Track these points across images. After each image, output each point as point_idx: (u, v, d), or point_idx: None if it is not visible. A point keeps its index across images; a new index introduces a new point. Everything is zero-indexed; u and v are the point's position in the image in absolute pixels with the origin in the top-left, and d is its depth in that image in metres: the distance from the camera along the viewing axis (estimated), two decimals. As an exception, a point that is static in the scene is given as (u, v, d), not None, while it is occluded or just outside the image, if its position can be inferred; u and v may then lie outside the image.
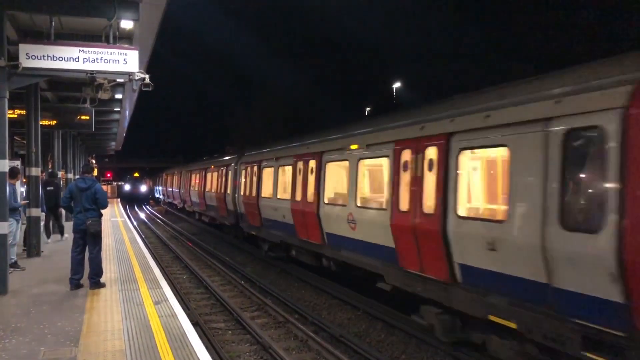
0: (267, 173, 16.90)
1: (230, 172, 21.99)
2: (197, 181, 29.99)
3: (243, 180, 19.72)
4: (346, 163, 11.52)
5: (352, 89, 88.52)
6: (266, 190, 16.87)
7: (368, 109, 51.82)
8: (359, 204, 10.83)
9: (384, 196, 9.93)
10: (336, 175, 12.46)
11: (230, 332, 10.05)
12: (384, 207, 9.77)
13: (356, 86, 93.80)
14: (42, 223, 14.89)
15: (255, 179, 17.99)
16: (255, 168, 17.95)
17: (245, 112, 69.42)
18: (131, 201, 63.64)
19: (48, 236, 16.25)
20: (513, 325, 6.79)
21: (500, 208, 7.74)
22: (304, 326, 10.02)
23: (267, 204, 16.41)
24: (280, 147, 16.84)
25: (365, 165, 11.10)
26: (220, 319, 10.91)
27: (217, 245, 22.62)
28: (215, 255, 19.48)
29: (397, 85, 47.55)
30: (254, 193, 17.86)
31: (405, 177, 9.07)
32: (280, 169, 15.84)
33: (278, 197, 15.60)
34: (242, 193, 19.52)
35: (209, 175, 26.75)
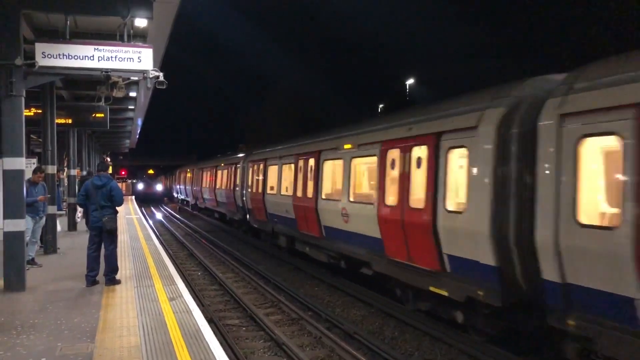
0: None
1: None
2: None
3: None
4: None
5: (366, 86, 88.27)
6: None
7: (381, 105, 51.65)
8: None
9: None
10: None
11: (244, 328, 10.08)
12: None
13: (369, 83, 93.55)
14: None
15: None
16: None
17: (259, 110, 69.62)
18: (145, 201, 58.04)
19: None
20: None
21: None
22: (318, 323, 10.03)
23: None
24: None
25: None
26: (234, 316, 10.95)
27: (231, 242, 22.71)
28: (229, 252, 19.57)
29: (410, 82, 47.33)
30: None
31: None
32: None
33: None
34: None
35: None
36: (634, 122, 5.46)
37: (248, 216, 21.95)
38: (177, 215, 39.55)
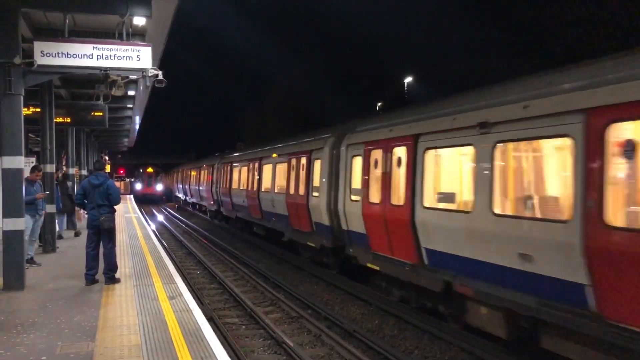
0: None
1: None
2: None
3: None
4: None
5: (364, 84, 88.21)
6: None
7: (379, 104, 51.62)
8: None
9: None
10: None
11: (244, 327, 10.10)
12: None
13: (368, 81, 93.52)
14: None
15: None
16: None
17: (257, 108, 69.54)
18: (145, 202, 53.02)
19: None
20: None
21: None
22: (317, 321, 10.05)
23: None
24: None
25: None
26: (234, 314, 10.96)
27: (230, 241, 22.72)
28: (228, 250, 19.58)
29: (408, 80, 47.31)
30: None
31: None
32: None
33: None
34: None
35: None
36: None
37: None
38: (176, 214, 39.55)
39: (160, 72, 10.51)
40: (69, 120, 17.97)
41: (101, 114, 18.37)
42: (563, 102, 6.24)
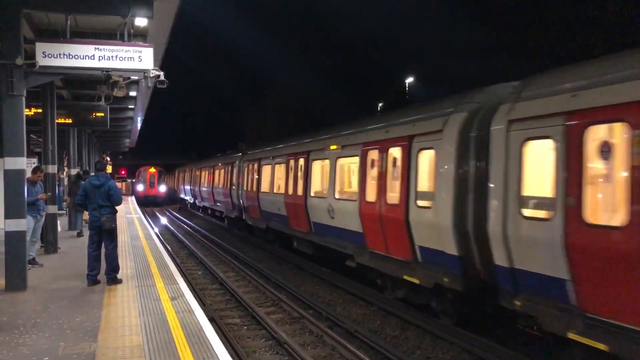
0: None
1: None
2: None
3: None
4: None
5: (365, 84, 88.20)
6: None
7: (380, 104, 51.62)
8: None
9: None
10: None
11: (245, 327, 10.10)
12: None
13: (368, 81, 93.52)
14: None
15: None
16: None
17: (258, 108, 69.56)
18: (147, 205, 48.23)
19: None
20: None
21: None
22: (319, 322, 10.05)
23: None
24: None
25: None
26: (235, 315, 10.97)
27: (231, 241, 22.72)
28: (230, 251, 19.58)
29: (409, 80, 47.32)
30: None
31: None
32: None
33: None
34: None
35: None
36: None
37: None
38: (177, 215, 39.56)
39: (161, 73, 10.52)
40: (70, 121, 18.00)
41: (102, 114, 18.40)
42: None
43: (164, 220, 34.57)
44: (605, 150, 6.15)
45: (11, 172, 9.33)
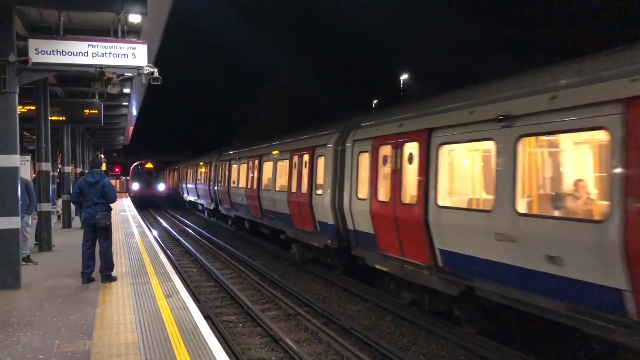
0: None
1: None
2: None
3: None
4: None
5: (359, 81, 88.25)
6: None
7: (375, 101, 51.65)
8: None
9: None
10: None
11: (241, 324, 10.10)
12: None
13: (363, 78, 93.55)
14: None
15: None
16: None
17: (253, 105, 69.47)
18: (144, 205, 43.25)
19: None
20: None
21: None
22: (314, 318, 10.05)
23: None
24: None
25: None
26: (231, 312, 10.96)
27: (226, 238, 22.70)
28: (225, 248, 19.57)
29: (404, 77, 47.36)
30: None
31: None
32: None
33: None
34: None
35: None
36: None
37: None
38: (172, 212, 39.45)
39: (155, 70, 10.47)
40: (64, 118, 17.94)
41: (96, 111, 18.34)
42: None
43: (158, 218, 34.46)
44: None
45: (4, 170, 9.26)
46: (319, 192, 13.22)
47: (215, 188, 27.09)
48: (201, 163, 32.45)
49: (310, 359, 7.99)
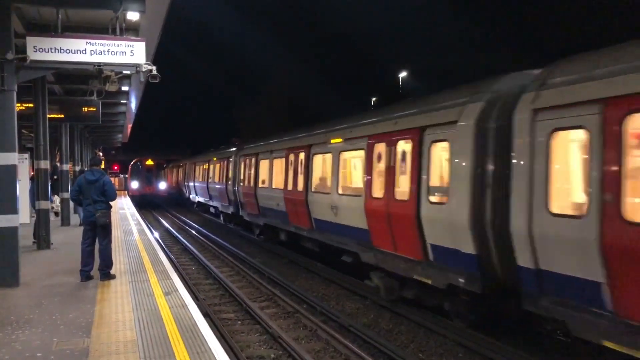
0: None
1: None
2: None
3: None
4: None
5: (358, 79, 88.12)
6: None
7: (374, 99, 51.64)
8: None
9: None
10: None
11: (239, 322, 10.11)
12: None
13: (362, 76, 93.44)
14: None
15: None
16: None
17: (252, 103, 69.39)
18: (143, 204, 40.41)
19: None
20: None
21: None
22: (313, 316, 10.07)
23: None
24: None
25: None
26: (229, 310, 10.97)
27: (225, 236, 22.70)
28: (223, 246, 19.57)
29: (403, 74, 47.34)
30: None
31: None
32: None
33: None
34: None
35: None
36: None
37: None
38: (171, 210, 39.42)
39: (154, 67, 10.47)
40: (62, 116, 17.92)
41: (95, 109, 18.31)
42: None
43: (157, 216, 34.42)
44: None
45: (2, 168, 9.26)
46: (438, 198, 8.77)
47: (236, 189, 22.09)
48: (215, 159, 27.46)
49: (309, 357, 7.99)
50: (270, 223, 18.18)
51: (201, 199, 32.82)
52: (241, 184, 21.47)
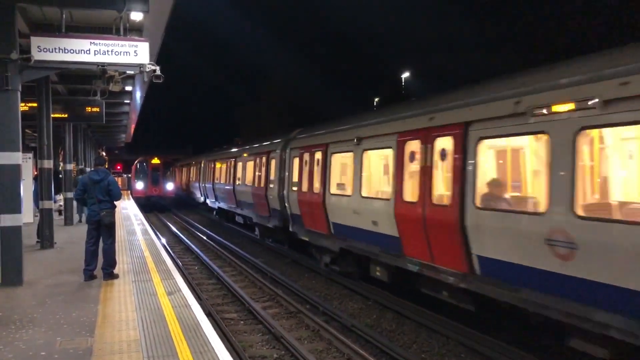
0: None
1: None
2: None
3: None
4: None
5: (361, 80, 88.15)
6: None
7: (377, 99, 51.61)
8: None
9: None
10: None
11: (242, 322, 10.12)
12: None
13: (365, 76, 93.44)
14: None
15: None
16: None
17: (254, 104, 69.43)
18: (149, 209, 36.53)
19: None
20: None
21: None
22: (316, 316, 10.07)
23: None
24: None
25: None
26: (232, 309, 10.98)
27: (228, 237, 22.72)
28: (226, 246, 19.58)
29: (405, 75, 47.33)
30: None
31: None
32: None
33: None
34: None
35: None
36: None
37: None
38: (174, 210, 39.39)
39: (157, 68, 10.49)
40: (66, 115, 17.95)
41: (98, 109, 18.34)
42: None
43: (160, 215, 34.42)
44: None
45: (6, 167, 9.29)
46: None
47: (284, 194, 15.83)
48: (246, 154, 21.41)
49: (311, 357, 8.00)
50: (353, 249, 11.85)
51: (223, 206, 26.31)
52: (294, 188, 15.15)
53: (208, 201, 30.28)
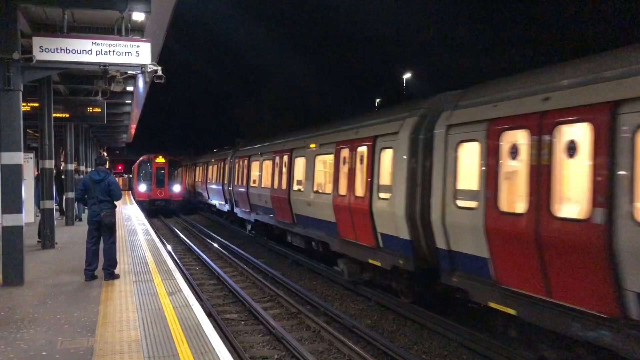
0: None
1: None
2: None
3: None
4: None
5: (362, 80, 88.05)
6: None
7: (378, 100, 51.58)
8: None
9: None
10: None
11: (243, 322, 10.12)
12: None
13: (366, 77, 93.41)
14: None
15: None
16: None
17: (255, 104, 69.40)
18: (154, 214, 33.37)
19: None
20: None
21: None
22: (317, 317, 10.07)
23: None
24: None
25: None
26: (233, 310, 10.98)
27: (229, 237, 22.72)
28: (227, 247, 19.58)
29: (407, 76, 47.28)
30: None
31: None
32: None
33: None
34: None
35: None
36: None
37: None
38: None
39: (159, 68, 10.48)
40: (67, 115, 17.95)
41: (100, 109, 18.34)
42: None
43: (161, 216, 34.37)
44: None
45: (8, 167, 9.30)
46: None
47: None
48: (312, 146, 14.28)
49: (312, 358, 8.00)
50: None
51: (265, 218, 19.08)
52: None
53: (237, 210, 23.66)
